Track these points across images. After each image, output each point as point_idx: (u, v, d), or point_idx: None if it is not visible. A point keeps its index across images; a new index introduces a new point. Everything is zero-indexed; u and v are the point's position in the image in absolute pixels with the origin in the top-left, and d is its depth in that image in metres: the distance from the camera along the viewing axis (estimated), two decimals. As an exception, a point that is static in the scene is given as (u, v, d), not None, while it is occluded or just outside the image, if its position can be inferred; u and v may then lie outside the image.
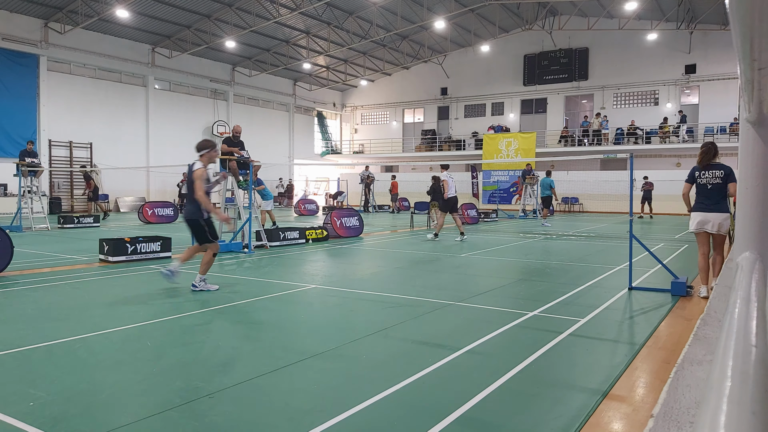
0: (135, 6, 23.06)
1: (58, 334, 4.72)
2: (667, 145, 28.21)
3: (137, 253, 9.42)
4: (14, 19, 22.62)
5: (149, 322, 5.18)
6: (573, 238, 14.12)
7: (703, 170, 6.40)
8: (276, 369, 3.87)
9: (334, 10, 26.75)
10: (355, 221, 14.33)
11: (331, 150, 38.88)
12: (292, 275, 8.04)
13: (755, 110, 2.02)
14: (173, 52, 28.13)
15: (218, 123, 30.93)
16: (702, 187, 6.37)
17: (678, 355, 3.53)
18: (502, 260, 9.97)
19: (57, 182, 24.85)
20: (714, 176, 6.30)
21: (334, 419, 3.01)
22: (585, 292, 6.81)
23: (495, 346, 4.51)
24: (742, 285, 1.61)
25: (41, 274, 8.05)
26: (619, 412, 3.21)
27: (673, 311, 5.79)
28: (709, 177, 6.32)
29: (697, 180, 6.43)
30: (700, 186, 6.39)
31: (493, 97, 34.53)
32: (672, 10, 26.12)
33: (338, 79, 37.21)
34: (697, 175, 6.45)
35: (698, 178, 6.43)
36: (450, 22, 29.44)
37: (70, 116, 24.74)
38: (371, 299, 6.40)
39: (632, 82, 30.25)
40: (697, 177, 6.44)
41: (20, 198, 15.17)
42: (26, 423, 2.94)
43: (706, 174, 6.36)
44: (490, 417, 3.11)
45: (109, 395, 3.38)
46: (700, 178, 6.41)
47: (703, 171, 6.41)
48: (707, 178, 6.34)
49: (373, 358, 4.19)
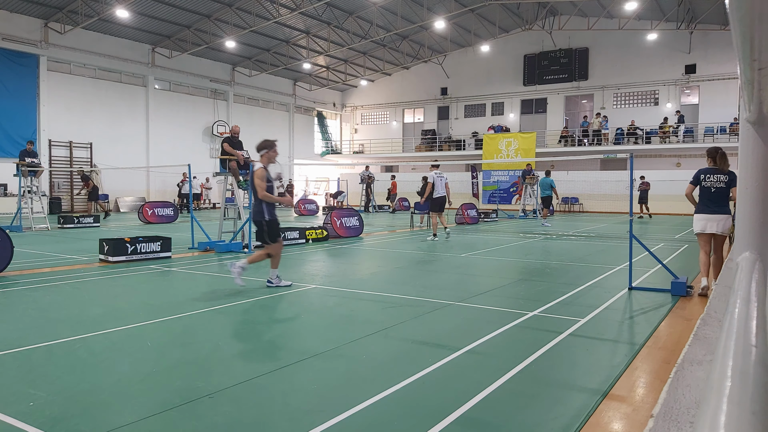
0: (135, 6, 23.06)
1: (58, 334, 4.72)
2: (667, 145, 28.21)
3: (137, 253, 9.42)
4: (14, 19, 22.62)
5: (149, 322, 5.18)
6: (573, 238, 14.12)
7: (709, 174, 6.55)
8: (276, 369, 3.87)
9: (334, 10, 26.75)
10: (355, 221, 14.33)
11: (331, 150, 38.89)
12: (292, 275, 8.04)
13: (755, 110, 2.02)
14: (173, 52, 28.13)
15: (218, 123, 30.93)
16: (706, 190, 6.55)
17: (678, 355, 3.53)
18: (502, 260, 9.97)
19: (57, 182, 24.86)
20: (719, 180, 6.48)
21: (334, 419, 3.01)
22: (585, 292, 6.80)
23: (495, 346, 4.51)
24: (742, 285, 1.61)
25: (41, 274, 8.05)
26: (619, 412, 3.21)
27: (673, 311, 5.79)
28: (714, 181, 6.49)
29: (701, 183, 6.59)
30: (705, 189, 6.56)
31: (493, 97, 34.54)
32: (672, 10, 26.13)
33: (338, 79, 37.21)
34: (702, 179, 6.60)
35: (703, 181, 6.58)
36: (450, 22, 29.44)
37: (70, 116, 24.74)
38: (371, 299, 6.40)
39: (632, 82, 30.25)
40: (702, 180, 6.59)
41: (20, 198, 15.18)
42: (26, 423, 2.94)
43: (711, 178, 6.53)
44: (490, 417, 3.11)
45: (109, 395, 3.38)
46: (705, 181, 6.57)
47: (708, 175, 6.56)
48: (712, 181, 6.50)
49: (373, 358, 4.19)
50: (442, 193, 13.53)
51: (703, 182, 6.58)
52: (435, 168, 14.08)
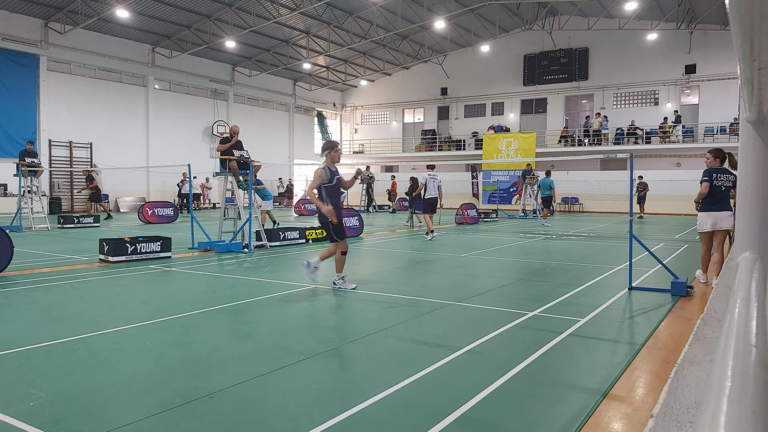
0: (135, 6, 23.05)
1: (58, 334, 4.72)
2: (667, 145, 28.21)
3: (137, 253, 9.42)
4: (14, 19, 22.62)
5: (149, 322, 5.18)
6: (573, 238, 14.12)
7: (720, 174, 6.99)
8: (276, 369, 3.87)
9: (334, 10, 26.75)
10: (355, 221, 14.33)
11: (331, 150, 38.82)
12: (292, 275, 8.04)
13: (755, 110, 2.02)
14: (173, 52, 28.13)
15: (218, 123, 30.93)
16: (717, 188, 6.95)
17: (678, 355, 3.54)
18: (502, 260, 9.97)
19: (57, 182, 24.85)
20: (728, 180, 6.96)
21: (334, 419, 3.01)
22: (585, 292, 6.81)
23: (495, 346, 4.51)
24: (742, 285, 1.61)
25: (41, 274, 8.05)
26: (619, 412, 3.21)
27: (673, 311, 5.79)
28: (724, 180, 6.96)
29: (713, 182, 6.96)
30: (716, 187, 6.95)
31: (493, 97, 34.53)
32: (672, 10, 26.12)
33: (338, 79, 37.21)
34: (714, 177, 6.98)
35: (715, 180, 6.96)
36: (450, 22, 29.44)
37: (70, 116, 24.73)
38: (371, 299, 6.40)
39: (632, 82, 30.25)
40: (714, 179, 6.97)
41: (20, 198, 15.18)
42: (26, 423, 2.94)
43: (721, 177, 6.98)
44: (490, 417, 3.11)
45: (109, 395, 3.38)
46: (717, 180, 6.96)
47: (719, 174, 6.99)
48: (722, 181, 6.96)
49: (373, 358, 4.19)
50: (434, 195, 13.63)
51: (715, 181, 6.93)
52: (430, 169, 14.14)
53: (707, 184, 6.94)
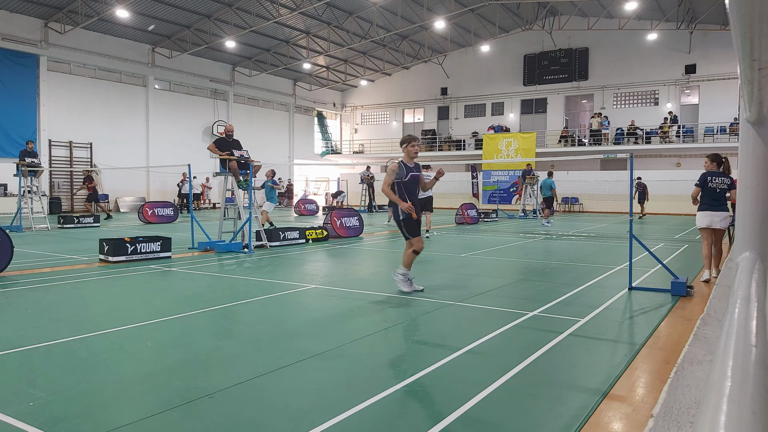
0: (135, 6, 23.06)
1: (58, 334, 4.72)
2: (667, 145, 28.21)
3: (137, 253, 9.42)
4: (14, 19, 22.62)
5: (149, 322, 5.18)
6: (573, 238, 14.12)
7: (715, 177, 7.56)
8: (276, 369, 3.87)
9: (334, 10, 26.75)
10: (355, 221, 14.33)
11: (331, 150, 38.88)
12: (292, 275, 8.04)
13: (755, 110, 2.02)
14: (173, 52, 28.13)
15: (218, 123, 30.92)
16: (712, 190, 7.53)
17: (678, 355, 3.54)
18: (502, 260, 9.97)
19: (57, 182, 24.86)
20: (722, 182, 7.55)
21: (334, 419, 3.01)
22: (585, 292, 6.81)
23: (495, 346, 4.51)
24: (742, 285, 1.61)
25: (41, 274, 8.05)
26: (619, 412, 3.21)
27: (673, 311, 5.79)
28: (719, 183, 7.55)
29: (708, 185, 7.55)
30: (710, 189, 7.53)
31: (493, 97, 34.53)
32: (672, 10, 26.12)
33: (338, 79, 37.21)
34: (709, 180, 7.56)
35: (710, 183, 7.55)
36: (450, 22, 29.44)
37: (70, 116, 24.74)
38: (371, 299, 6.39)
39: (632, 82, 30.25)
40: (708, 182, 7.56)
41: (20, 198, 15.17)
42: (26, 423, 2.94)
43: (716, 180, 7.55)
44: (490, 417, 3.11)
45: (109, 395, 3.38)
46: (711, 183, 7.55)
47: (714, 177, 7.56)
48: (717, 183, 7.54)
49: (373, 358, 4.19)
50: (429, 194, 13.67)
51: (709, 184, 7.53)
52: (426, 169, 14.14)
53: (698, 189, 7.60)
